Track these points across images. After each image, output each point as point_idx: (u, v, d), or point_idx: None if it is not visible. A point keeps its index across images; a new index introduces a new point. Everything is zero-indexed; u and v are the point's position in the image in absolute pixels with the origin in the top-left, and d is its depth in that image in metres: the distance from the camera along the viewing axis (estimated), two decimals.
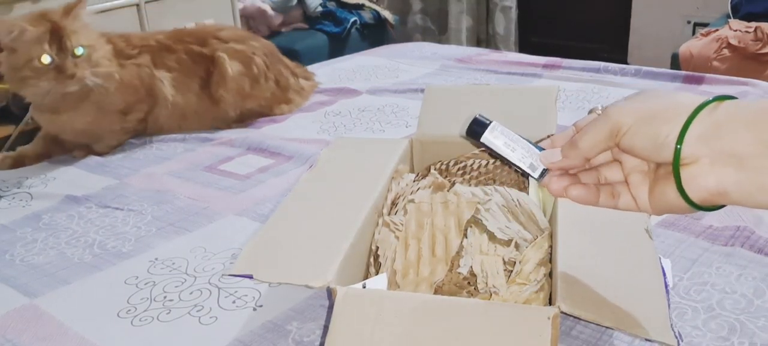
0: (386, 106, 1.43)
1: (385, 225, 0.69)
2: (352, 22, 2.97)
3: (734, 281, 0.73)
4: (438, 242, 0.66)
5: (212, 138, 1.31)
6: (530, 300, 0.61)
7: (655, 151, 0.46)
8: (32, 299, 0.79)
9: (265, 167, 1.15)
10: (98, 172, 1.19)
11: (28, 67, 1.11)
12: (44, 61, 1.11)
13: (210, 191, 1.07)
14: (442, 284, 0.63)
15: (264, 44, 1.43)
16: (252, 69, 1.36)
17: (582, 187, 0.52)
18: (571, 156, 0.51)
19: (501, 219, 0.66)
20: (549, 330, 0.51)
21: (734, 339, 0.64)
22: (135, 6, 2.15)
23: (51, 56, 1.11)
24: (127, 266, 0.86)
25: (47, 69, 1.11)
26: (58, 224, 0.99)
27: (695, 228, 0.84)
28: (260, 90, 1.39)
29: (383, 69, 1.75)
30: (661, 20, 3.11)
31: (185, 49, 1.32)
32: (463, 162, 0.82)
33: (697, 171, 0.44)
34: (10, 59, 1.13)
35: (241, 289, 0.77)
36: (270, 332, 0.69)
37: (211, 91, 1.33)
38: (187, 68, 1.32)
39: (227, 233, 0.93)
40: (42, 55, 1.10)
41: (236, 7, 2.44)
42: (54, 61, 1.11)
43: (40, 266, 0.87)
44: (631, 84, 1.50)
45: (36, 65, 1.11)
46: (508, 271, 0.62)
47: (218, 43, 1.34)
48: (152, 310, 0.75)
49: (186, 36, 1.35)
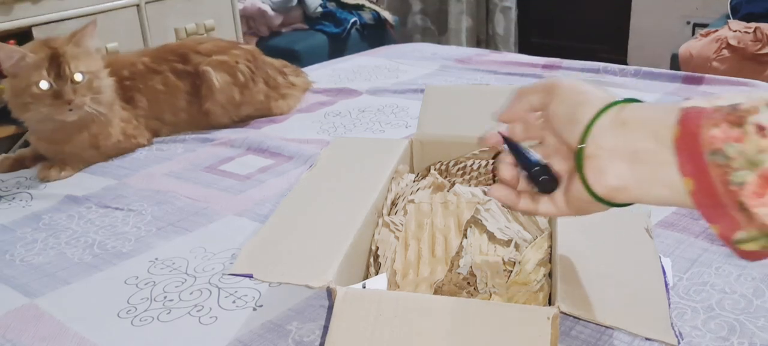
0: (386, 107, 1.43)
1: (385, 225, 0.69)
2: (352, 22, 2.97)
3: (734, 281, 0.73)
4: (438, 243, 0.66)
5: (212, 138, 1.31)
6: (530, 300, 0.61)
7: (569, 124, 0.48)
8: (32, 299, 0.79)
9: (265, 168, 1.15)
10: (98, 172, 1.19)
11: (28, 93, 1.11)
12: (42, 86, 1.10)
13: (210, 191, 1.07)
14: (442, 284, 0.63)
15: (246, 50, 1.44)
16: (238, 77, 1.37)
17: (504, 187, 0.55)
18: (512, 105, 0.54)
19: (501, 219, 0.66)
20: (549, 330, 0.51)
21: (734, 339, 0.64)
22: (135, 6, 2.15)
23: (49, 82, 1.10)
24: (127, 266, 0.86)
25: (45, 95, 1.11)
26: (58, 224, 1.00)
27: (695, 228, 0.84)
28: (251, 95, 1.39)
29: (383, 69, 1.75)
30: (661, 21, 3.11)
31: (170, 68, 1.33)
32: (463, 162, 0.82)
33: (599, 165, 0.46)
34: (12, 85, 1.13)
35: (241, 289, 0.77)
36: (270, 332, 0.69)
37: (200, 105, 1.35)
38: (173, 87, 1.33)
39: (227, 233, 0.93)
40: (40, 80, 1.10)
41: (236, 7, 2.44)
42: (52, 86, 1.11)
43: (40, 266, 0.87)
44: (630, 84, 1.50)
45: (34, 91, 1.11)
46: (508, 271, 0.62)
47: (200, 58, 1.35)
48: (152, 310, 0.75)
49: (168, 54, 1.36)
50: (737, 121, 0.39)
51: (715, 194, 0.40)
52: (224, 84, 1.35)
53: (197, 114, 1.36)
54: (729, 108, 0.40)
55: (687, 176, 0.42)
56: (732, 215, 0.40)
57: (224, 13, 2.41)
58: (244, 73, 1.38)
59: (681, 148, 0.42)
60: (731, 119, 0.40)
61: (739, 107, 0.40)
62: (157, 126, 1.33)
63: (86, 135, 1.19)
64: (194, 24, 2.30)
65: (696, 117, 0.41)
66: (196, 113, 1.36)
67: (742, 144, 0.39)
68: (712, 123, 0.40)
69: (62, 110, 1.12)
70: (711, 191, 0.40)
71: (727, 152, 0.39)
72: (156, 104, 1.32)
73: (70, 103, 1.12)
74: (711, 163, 0.40)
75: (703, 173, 0.40)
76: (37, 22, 1.92)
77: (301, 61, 2.04)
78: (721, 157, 0.40)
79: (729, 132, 0.39)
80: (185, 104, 1.34)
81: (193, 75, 1.34)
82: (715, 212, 0.41)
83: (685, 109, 0.42)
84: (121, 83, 1.26)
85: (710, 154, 0.40)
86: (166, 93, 1.32)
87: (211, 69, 1.34)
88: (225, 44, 1.43)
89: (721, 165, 0.40)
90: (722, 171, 0.40)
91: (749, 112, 0.39)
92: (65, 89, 1.11)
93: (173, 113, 1.34)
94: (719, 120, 0.40)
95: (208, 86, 1.33)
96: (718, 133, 0.40)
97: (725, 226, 0.41)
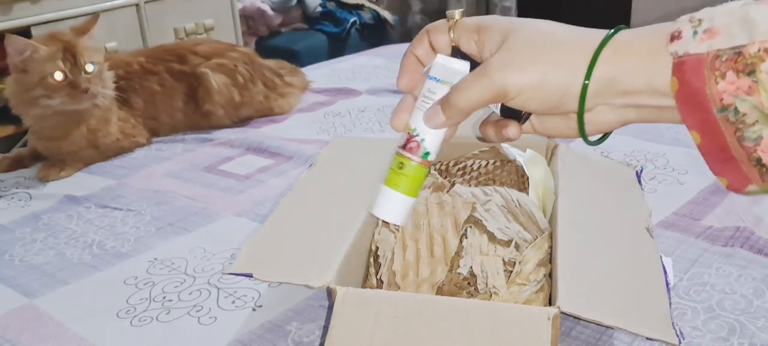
0: (386, 107, 1.43)
1: (385, 225, 0.69)
2: (352, 22, 2.97)
3: (734, 281, 0.73)
4: (436, 243, 0.66)
5: (211, 139, 1.31)
6: (530, 301, 0.61)
7: (554, 108, 0.44)
8: (31, 299, 0.79)
9: (265, 168, 1.15)
10: (97, 172, 1.19)
11: (41, 85, 1.12)
12: (58, 77, 1.12)
13: (209, 191, 1.07)
14: (442, 284, 0.63)
15: (243, 53, 1.44)
16: (237, 78, 1.37)
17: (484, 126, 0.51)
18: (452, 116, 0.48)
19: (501, 220, 0.66)
20: (549, 330, 0.51)
21: (734, 340, 0.64)
22: (135, 6, 2.15)
23: (64, 73, 1.12)
24: (126, 266, 0.85)
25: (61, 85, 1.12)
26: (57, 224, 0.99)
27: (695, 229, 0.84)
28: (251, 95, 1.40)
29: (383, 69, 1.75)
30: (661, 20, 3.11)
31: (166, 68, 1.33)
32: (463, 162, 0.82)
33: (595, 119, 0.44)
34: (20, 80, 1.14)
35: (241, 289, 0.77)
36: (269, 333, 0.69)
37: (197, 105, 1.35)
38: (170, 87, 1.33)
39: (227, 233, 0.92)
40: (55, 71, 1.12)
41: (236, 7, 2.44)
42: (67, 77, 1.13)
43: (39, 266, 0.87)
44: None
45: (49, 82, 1.12)
46: (508, 271, 0.62)
47: (198, 59, 1.36)
48: (151, 310, 0.75)
49: (165, 54, 1.36)
50: (745, 69, 0.36)
51: (726, 148, 0.38)
52: (223, 85, 1.35)
53: (194, 114, 1.36)
54: (731, 53, 0.37)
55: (692, 129, 0.39)
56: (744, 170, 0.38)
57: (223, 13, 2.40)
58: (243, 75, 1.38)
59: (684, 101, 0.39)
60: (739, 67, 0.36)
61: (744, 52, 0.36)
62: (154, 126, 1.33)
63: (84, 130, 1.19)
64: (193, 24, 2.30)
65: (696, 67, 0.38)
66: (193, 114, 1.35)
67: (754, 97, 0.36)
68: (718, 74, 0.37)
69: (79, 99, 1.14)
70: (721, 145, 0.38)
71: (738, 107, 0.37)
72: (152, 105, 1.32)
73: (87, 92, 1.14)
74: (721, 118, 0.37)
75: (713, 127, 0.38)
76: (36, 21, 1.92)
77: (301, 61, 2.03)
78: (733, 113, 0.37)
79: (738, 82, 0.36)
80: (181, 105, 1.34)
81: (189, 76, 1.34)
82: (724, 166, 0.39)
83: (679, 57, 0.39)
84: (117, 83, 1.26)
85: (719, 110, 0.37)
86: (163, 93, 1.32)
87: (209, 71, 1.34)
88: (222, 46, 1.43)
89: (733, 122, 0.37)
90: (734, 127, 0.37)
91: (759, 58, 0.36)
92: (80, 79, 1.14)
93: (169, 114, 1.34)
94: (724, 69, 0.37)
95: (207, 88, 1.33)
96: (725, 86, 0.37)
97: (735, 179, 0.39)
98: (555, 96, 0.43)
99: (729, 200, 0.90)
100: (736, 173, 0.39)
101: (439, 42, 0.50)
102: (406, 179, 0.51)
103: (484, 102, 0.45)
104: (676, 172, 1.01)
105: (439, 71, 0.50)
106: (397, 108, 0.52)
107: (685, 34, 0.39)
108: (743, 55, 0.36)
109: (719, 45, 0.37)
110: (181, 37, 2.27)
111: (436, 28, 0.50)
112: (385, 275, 0.65)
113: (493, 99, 0.45)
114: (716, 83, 0.37)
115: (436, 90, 0.49)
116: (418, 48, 0.51)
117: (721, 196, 0.91)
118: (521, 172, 0.78)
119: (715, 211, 0.88)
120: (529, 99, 0.44)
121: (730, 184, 0.39)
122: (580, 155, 0.84)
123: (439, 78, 0.49)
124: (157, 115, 1.33)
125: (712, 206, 0.89)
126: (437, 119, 0.48)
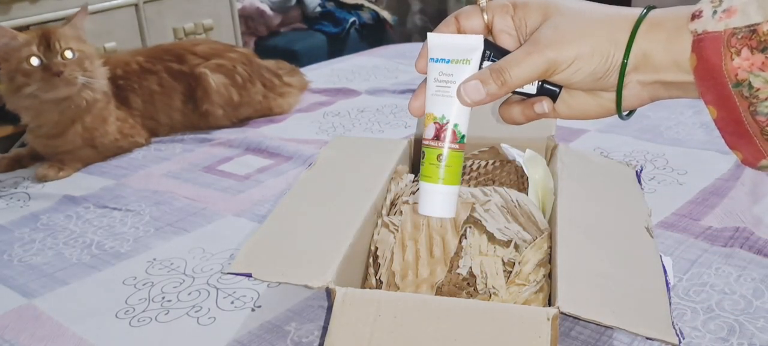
0: (385, 107, 1.43)
1: (385, 226, 0.69)
2: (351, 22, 2.97)
3: (733, 282, 0.73)
4: (435, 243, 0.66)
5: (211, 139, 1.31)
6: (530, 301, 0.61)
7: (597, 81, 0.47)
8: (30, 299, 0.79)
9: (264, 168, 1.15)
10: (96, 172, 1.19)
11: (20, 71, 1.12)
12: (33, 63, 1.12)
13: (208, 191, 1.07)
14: (441, 285, 0.63)
15: (242, 53, 1.44)
16: (236, 79, 1.37)
17: (508, 106, 0.53)
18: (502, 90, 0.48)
19: (500, 220, 0.66)
20: (549, 331, 0.51)
21: (733, 340, 0.64)
22: (133, 6, 2.15)
23: (39, 58, 1.12)
24: (125, 266, 0.85)
25: (36, 70, 1.12)
26: (56, 224, 0.99)
27: (694, 229, 0.84)
28: (249, 95, 1.39)
29: (382, 69, 1.75)
30: None
31: (165, 68, 1.33)
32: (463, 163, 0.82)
33: (630, 94, 0.47)
34: (5, 68, 1.15)
35: (240, 289, 0.77)
36: (268, 333, 0.69)
37: (196, 105, 1.35)
38: (169, 87, 1.33)
39: (226, 233, 0.92)
40: (30, 56, 1.12)
41: (235, 7, 2.44)
42: (42, 62, 1.12)
43: (38, 267, 0.87)
44: None
45: (25, 67, 1.12)
46: (508, 272, 0.62)
47: (197, 59, 1.35)
48: (150, 310, 0.75)
49: (164, 54, 1.36)
50: (759, 46, 0.38)
51: (741, 122, 0.40)
52: (222, 86, 1.35)
53: (192, 115, 1.35)
54: (747, 31, 0.39)
55: (709, 103, 0.41)
56: (758, 145, 0.40)
57: (223, 13, 2.40)
58: (242, 76, 1.38)
59: (702, 77, 0.41)
60: (753, 44, 0.38)
61: (758, 29, 0.38)
62: (152, 126, 1.33)
63: (80, 128, 1.19)
64: (192, 24, 2.30)
65: (714, 44, 0.40)
66: (192, 114, 1.35)
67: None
68: (734, 51, 0.39)
69: (52, 84, 1.13)
70: (736, 119, 0.40)
71: (752, 82, 0.38)
72: (151, 104, 1.32)
73: (60, 75, 1.12)
74: (736, 93, 0.39)
75: (728, 102, 0.40)
76: (35, 21, 1.92)
77: (300, 61, 2.04)
78: (747, 88, 0.39)
79: (752, 59, 0.38)
80: (180, 105, 1.34)
81: (188, 76, 1.34)
82: (739, 139, 0.40)
83: (698, 35, 0.41)
84: (115, 83, 1.26)
85: (734, 86, 0.39)
86: (161, 93, 1.32)
87: (208, 71, 1.34)
88: (221, 47, 1.43)
89: (747, 96, 0.39)
90: (748, 102, 0.39)
91: None
92: (54, 62, 1.13)
93: (168, 114, 1.34)
94: (740, 46, 0.39)
95: (205, 88, 1.33)
96: (740, 62, 0.38)
97: (750, 153, 0.40)
98: (602, 67, 0.46)
99: (729, 201, 0.90)
100: (750, 146, 0.40)
101: (471, 25, 0.51)
102: (447, 169, 0.50)
103: (534, 76, 0.47)
104: (675, 172, 1.01)
105: (450, 52, 0.49)
106: (417, 93, 0.53)
107: (705, 13, 0.41)
108: (757, 33, 0.38)
109: (735, 23, 0.39)
110: (180, 37, 2.27)
111: (466, 13, 0.51)
112: (385, 275, 0.65)
113: (544, 73, 0.47)
114: (732, 60, 0.39)
115: (451, 71, 0.49)
116: (444, 32, 0.52)
117: (720, 196, 0.91)
118: (521, 172, 0.78)
119: (715, 211, 0.88)
120: (578, 70, 0.46)
121: (744, 158, 0.41)
122: (579, 155, 0.84)
123: (449, 59, 0.49)
124: (156, 115, 1.33)
125: (712, 206, 0.89)
126: (477, 95, 0.49)
